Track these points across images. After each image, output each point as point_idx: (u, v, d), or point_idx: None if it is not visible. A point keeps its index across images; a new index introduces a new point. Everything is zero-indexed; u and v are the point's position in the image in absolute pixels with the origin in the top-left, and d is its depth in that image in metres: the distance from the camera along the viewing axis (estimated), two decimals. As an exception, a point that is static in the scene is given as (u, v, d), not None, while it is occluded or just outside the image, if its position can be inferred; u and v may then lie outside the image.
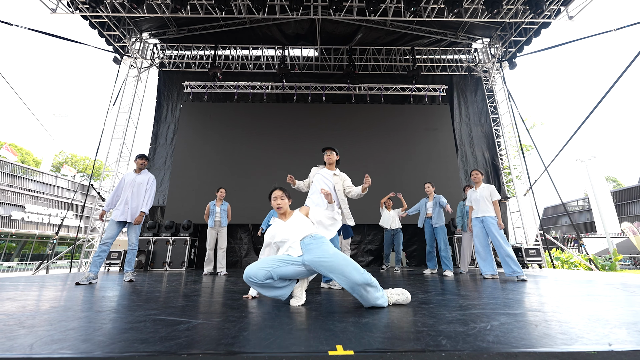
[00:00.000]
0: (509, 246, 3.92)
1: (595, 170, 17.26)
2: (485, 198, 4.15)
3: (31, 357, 1.05)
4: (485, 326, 1.41)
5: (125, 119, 8.08)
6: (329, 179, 3.05)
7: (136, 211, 3.96)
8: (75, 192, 11.25)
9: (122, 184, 4.03)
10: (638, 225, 19.81)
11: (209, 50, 8.87)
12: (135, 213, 3.95)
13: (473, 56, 9.18)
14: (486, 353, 1.04)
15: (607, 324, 1.45)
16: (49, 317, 1.69)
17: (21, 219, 23.03)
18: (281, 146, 7.88)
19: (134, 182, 4.05)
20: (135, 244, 4.07)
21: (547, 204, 30.90)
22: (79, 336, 1.30)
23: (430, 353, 1.04)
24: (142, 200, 4.01)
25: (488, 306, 1.95)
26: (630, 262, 17.29)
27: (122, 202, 3.94)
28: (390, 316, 1.66)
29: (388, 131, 8.06)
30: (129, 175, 4.11)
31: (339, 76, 8.83)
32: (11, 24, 6.32)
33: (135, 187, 4.02)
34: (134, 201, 3.97)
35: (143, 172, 4.17)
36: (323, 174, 3.07)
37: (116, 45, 7.87)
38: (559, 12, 6.91)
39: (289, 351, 1.08)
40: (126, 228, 4.03)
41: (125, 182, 4.03)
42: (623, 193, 24.14)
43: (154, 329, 1.41)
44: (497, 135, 8.46)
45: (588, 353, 1.05)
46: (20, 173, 24.34)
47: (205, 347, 1.13)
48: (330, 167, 3.12)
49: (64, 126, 31.46)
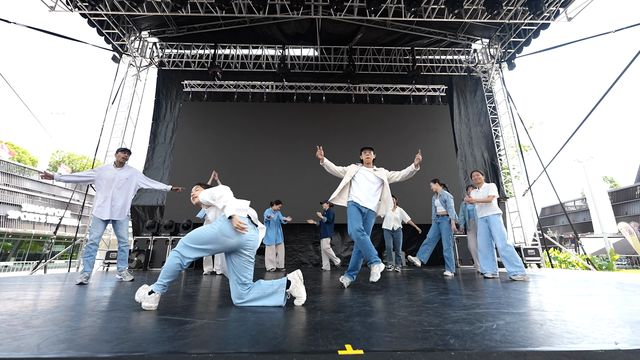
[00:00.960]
0: (510, 246, 3.92)
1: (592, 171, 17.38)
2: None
3: (39, 357, 1.04)
4: (491, 325, 1.41)
5: (124, 118, 8.04)
6: (371, 178, 3.19)
7: (124, 209, 3.79)
8: (73, 191, 11.19)
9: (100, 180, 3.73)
10: (634, 225, 19.97)
11: (208, 49, 8.84)
12: (124, 211, 3.79)
13: (472, 57, 9.21)
14: (495, 352, 1.05)
15: (611, 323, 1.47)
16: (52, 317, 1.68)
17: (18, 219, 22.86)
18: (281, 146, 7.87)
19: (117, 177, 3.79)
20: (126, 239, 3.88)
21: (545, 204, 31.08)
22: (85, 336, 1.30)
23: (439, 352, 1.05)
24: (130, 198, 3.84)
25: (492, 305, 1.96)
26: (626, 261, 17.42)
27: (107, 199, 3.70)
28: (395, 316, 1.67)
29: (388, 131, 8.07)
30: (108, 171, 3.81)
31: (338, 76, 8.83)
32: (9, 21, 6.27)
33: (121, 183, 3.78)
34: (120, 198, 3.76)
35: (126, 167, 3.92)
36: (364, 173, 3.19)
37: (115, 44, 7.82)
38: (558, 13, 6.94)
39: (299, 351, 1.08)
40: (110, 225, 3.85)
41: (104, 178, 3.75)
42: (620, 193, 24.31)
43: (160, 328, 1.41)
44: (496, 135, 8.50)
45: (595, 352, 1.05)
46: (17, 172, 24.16)
47: (214, 346, 1.13)
48: (368, 166, 3.26)
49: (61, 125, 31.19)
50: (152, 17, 7.89)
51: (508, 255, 3.85)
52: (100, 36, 7.57)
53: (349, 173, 3.21)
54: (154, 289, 1.90)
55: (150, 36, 8.65)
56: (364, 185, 3.12)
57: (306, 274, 5.02)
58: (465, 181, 8.05)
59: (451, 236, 4.82)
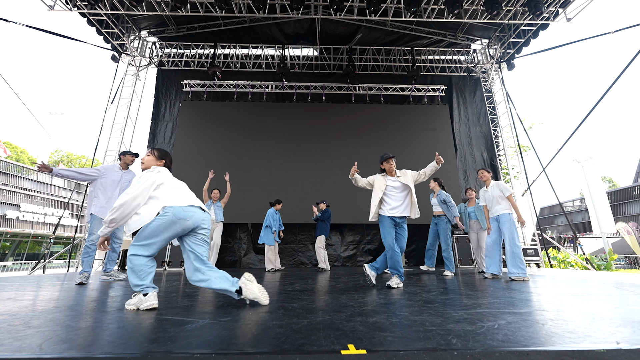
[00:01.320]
0: (518, 246, 3.88)
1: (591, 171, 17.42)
2: (497, 196, 4.11)
3: (41, 357, 1.04)
4: (493, 325, 1.42)
5: (123, 118, 8.02)
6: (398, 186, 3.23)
7: None
8: (72, 191, 11.14)
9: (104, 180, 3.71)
10: (633, 225, 20.05)
11: (208, 49, 8.83)
12: None
13: (472, 57, 9.22)
14: (497, 352, 1.05)
15: (612, 323, 1.47)
16: (53, 317, 1.67)
17: (16, 218, 22.79)
18: (280, 145, 7.87)
19: (123, 179, 3.80)
20: (122, 240, 3.87)
21: (544, 204, 31.16)
22: (87, 336, 1.30)
23: (442, 352, 1.05)
24: None
25: (492, 305, 1.96)
26: (625, 261, 17.49)
27: (110, 200, 3.68)
28: (397, 315, 1.67)
29: (387, 131, 8.08)
30: (113, 172, 3.81)
31: (338, 76, 8.83)
32: (8, 20, 6.25)
33: (125, 185, 3.77)
34: None
35: (129, 170, 3.92)
36: (391, 184, 3.23)
37: (114, 43, 7.80)
38: (557, 14, 6.96)
39: (302, 350, 1.08)
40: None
41: (110, 178, 3.75)
42: (618, 193, 24.40)
43: (162, 328, 1.40)
44: (495, 135, 8.52)
45: (598, 351, 1.06)
46: (15, 172, 24.09)
47: (217, 347, 1.13)
48: (392, 174, 3.29)
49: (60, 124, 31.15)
50: (152, 17, 7.87)
51: (513, 256, 3.81)
52: (99, 35, 7.55)
53: (379, 187, 3.22)
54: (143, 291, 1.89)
55: (150, 36, 8.63)
56: (394, 196, 3.18)
57: (305, 274, 5.02)
58: (465, 181, 8.07)
59: (449, 236, 4.83)
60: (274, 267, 5.79)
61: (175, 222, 1.93)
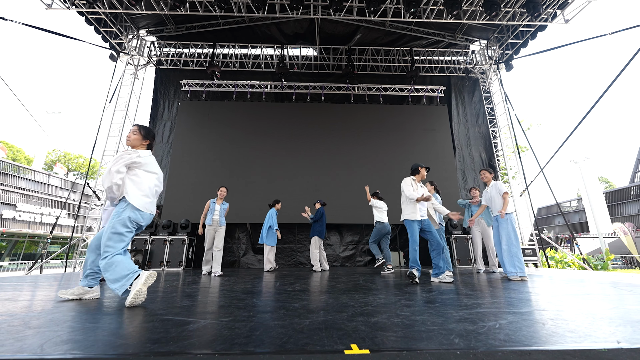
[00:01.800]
0: (516, 246, 3.89)
1: (588, 171, 17.50)
2: (496, 196, 4.14)
3: (43, 358, 1.03)
4: (494, 325, 1.42)
5: (121, 117, 7.98)
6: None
7: None
8: (70, 191, 11.08)
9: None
10: (629, 225, 20.19)
11: (207, 48, 8.81)
12: None
13: (470, 58, 9.26)
14: (500, 351, 1.06)
15: (611, 322, 1.48)
16: (53, 317, 1.66)
17: (12, 218, 22.60)
18: (279, 145, 7.86)
19: None
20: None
21: (541, 205, 31.32)
22: (88, 337, 1.29)
23: (445, 352, 1.05)
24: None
25: (492, 305, 1.97)
26: (621, 261, 17.61)
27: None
28: (398, 315, 1.67)
29: (386, 131, 8.09)
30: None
31: (337, 76, 8.84)
32: (6, 18, 6.21)
33: None
34: None
35: None
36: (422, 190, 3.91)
37: (113, 42, 7.77)
38: (555, 15, 7.00)
39: (305, 350, 1.08)
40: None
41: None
42: (615, 194, 24.56)
43: (163, 329, 1.40)
44: (493, 136, 8.55)
45: (599, 351, 1.07)
46: (12, 171, 23.90)
47: (220, 347, 1.13)
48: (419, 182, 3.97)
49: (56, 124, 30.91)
50: (151, 16, 7.84)
51: (511, 255, 3.82)
52: (97, 34, 7.51)
53: (418, 188, 3.83)
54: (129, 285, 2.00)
55: (149, 35, 8.60)
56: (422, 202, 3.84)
57: (305, 274, 5.01)
58: (463, 181, 8.10)
59: (443, 237, 4.85)
60: (273, 266, 5.78)
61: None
